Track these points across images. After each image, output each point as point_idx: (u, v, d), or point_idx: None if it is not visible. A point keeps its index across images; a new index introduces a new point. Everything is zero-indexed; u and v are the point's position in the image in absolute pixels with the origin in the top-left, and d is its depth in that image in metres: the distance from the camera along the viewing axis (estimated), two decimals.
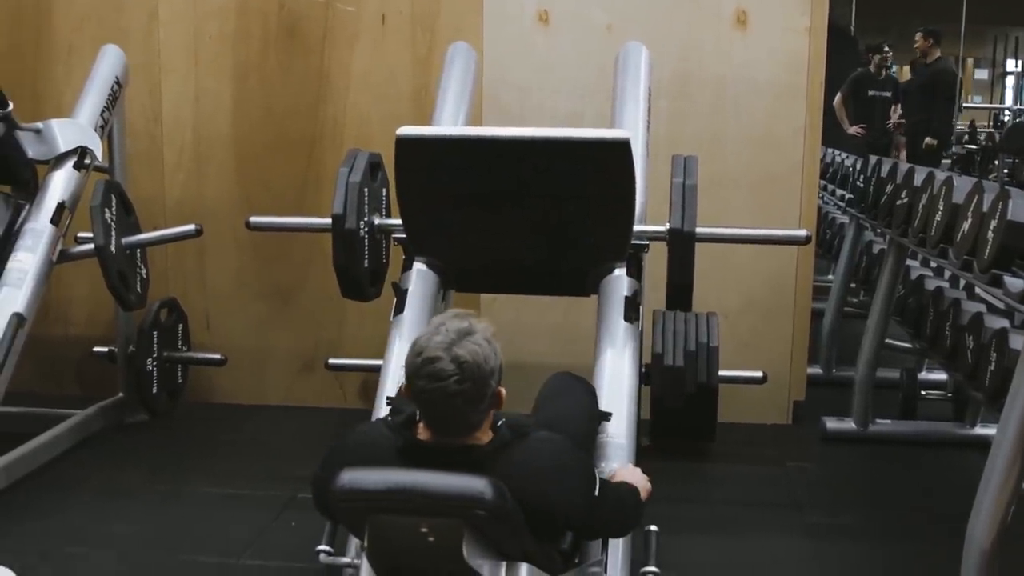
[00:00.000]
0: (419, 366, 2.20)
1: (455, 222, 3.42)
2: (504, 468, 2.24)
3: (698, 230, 3.57)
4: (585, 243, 3.39)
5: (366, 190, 3.76)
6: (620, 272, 3.47)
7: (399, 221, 3.53)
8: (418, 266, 3.57)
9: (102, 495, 4.07)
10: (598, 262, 3.48)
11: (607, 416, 3.02)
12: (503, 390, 2.28)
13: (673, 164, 3.68)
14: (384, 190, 3.95)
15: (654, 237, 3.61)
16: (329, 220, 3.72)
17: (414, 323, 3.39)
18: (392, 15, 4.92)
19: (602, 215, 3.31)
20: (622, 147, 3.13)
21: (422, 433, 2.30)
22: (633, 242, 3.48)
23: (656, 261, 3.71)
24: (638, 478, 2.68)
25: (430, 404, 2.22)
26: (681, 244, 3.53)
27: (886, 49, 10.05)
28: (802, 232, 3.95)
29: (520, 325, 3.38)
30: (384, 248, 3.97)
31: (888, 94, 9.91)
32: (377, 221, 3.84)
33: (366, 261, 3.79)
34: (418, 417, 2.33)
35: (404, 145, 3.19)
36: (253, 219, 4.18)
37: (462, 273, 3.63)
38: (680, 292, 3.60)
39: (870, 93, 9.79)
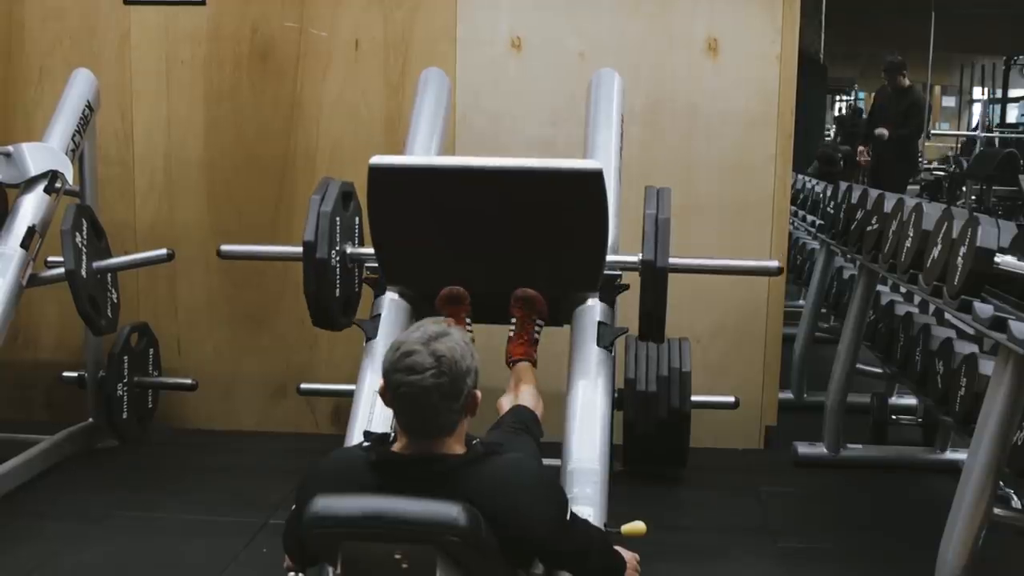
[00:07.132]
0: (397, 360, 2.21)
1: (427, 251, 3.42)
2: (476, 482, 2.24)
3: (671, 261, 3.52)
4: (558, 273, 3.38)
5: (338, 219, 3.74)
6: (593, 302, 3.47)
7: (371, 250, 3.52)
8: (390, 295, 3.56)
9: (72, 522, 4.03)
10: (571, 292, 3.48)
11: None
12: (478, 394, 2.28)
13: (646, 195, 3.63)
14: (357, 219, 3.93)
15: (627, 268, 3.58)
16: (300, 249, 3.70)
17: (386, 348, 3.37)
18: (365, 41, 4.93)
19: (575, 245, 3.31)
20: (595, 178, 3.14)
21: (396, 445, 2.30)
22: (606, 272, 3.47)
23: (628, 290, 3.70)
24: (627, 555, 2.62)
25: (406, 399, 2.22)
26: (654, 277, 3.50)
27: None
28: (774, 263, 3.94)
29: (492, 352, 3.37)
30: (356, 277, 3.94)
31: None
32: (349, 250, 3.82)
33: (337, 290, 3.77)
34: (392, 436, 2.33)
35: (377, 174, 3.18)
36: (224, 247, 4.10)
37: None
38: (653, 324, 3.56)
39: None
